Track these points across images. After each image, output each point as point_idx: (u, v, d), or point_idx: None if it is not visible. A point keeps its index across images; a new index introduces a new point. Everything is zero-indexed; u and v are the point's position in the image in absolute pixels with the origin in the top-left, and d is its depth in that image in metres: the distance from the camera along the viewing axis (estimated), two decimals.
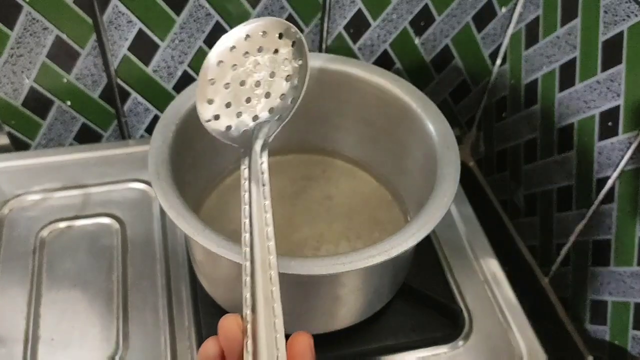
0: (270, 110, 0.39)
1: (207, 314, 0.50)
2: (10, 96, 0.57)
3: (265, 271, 0.30)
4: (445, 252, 0.58)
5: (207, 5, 0.54)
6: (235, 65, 0.39)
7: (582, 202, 0.54)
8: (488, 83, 0.68)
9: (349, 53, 0.62)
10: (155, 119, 0.64)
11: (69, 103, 0.60)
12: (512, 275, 0.57)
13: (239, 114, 0.38)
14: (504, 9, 0.61)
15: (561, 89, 0.55)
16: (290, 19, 0.57)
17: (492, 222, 0.67)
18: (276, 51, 0.39)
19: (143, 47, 0.57)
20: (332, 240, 0.53)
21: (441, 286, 0.55)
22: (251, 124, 0.38)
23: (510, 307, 0.54)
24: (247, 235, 0.31)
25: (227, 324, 0.29)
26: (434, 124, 0.47)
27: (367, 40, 0.61)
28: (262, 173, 0.34)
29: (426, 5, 0.59)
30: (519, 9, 0.60)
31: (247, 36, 0.39)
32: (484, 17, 0.61)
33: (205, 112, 0.38)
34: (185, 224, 0.39)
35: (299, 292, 0.45)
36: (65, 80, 0.57)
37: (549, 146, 0.58)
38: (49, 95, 0.58)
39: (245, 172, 0.35)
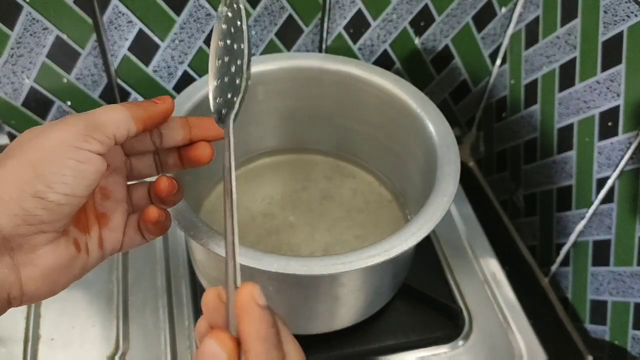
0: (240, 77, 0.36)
1: None
2: (10, 96, 0.57)
3: (231, 235, 0.30)
4: (445, 252, 0.58)
5: (207, 5, 0.55)
6: (227, 57, 0.37)
7: (582, 202, 0.54)
8: (488, 83, 0.68)
9: (349, 53, 0.62)
10: None
11: (69, 103, 0.60)
12: (512, 275, 0.57)
13: (225, 95, 0.37)
14: (503, 9, 0.61)
15: (561, 89, 0.55)
16: (290, 19, 0.57)
17: (492, 222, 0.67)
18: (236, 26, 0.37)
19: (143, 48, 0.57)
20: (332, 240, 0.53)
21: (441, 286, 0.55)
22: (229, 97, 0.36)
23: (510, 307, 0.54)
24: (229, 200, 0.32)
25: (207, 296, 0.28)
26: (434, 124, 0.47)
27: (367, 40, 0.61)
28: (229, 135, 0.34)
29: (426, 6, 0.59)
30: (518, 9, 0.60)
31: (224, 28, 0.38)
32: (483, 17, 0.61)
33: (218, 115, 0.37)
34: (186, 223, 0.39)
35: (299, 292, 0.45)
36: (65, 80, 0.57)
37: (548, 146, 0.58)
38: (49, 95, 0.58)
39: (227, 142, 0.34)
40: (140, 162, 0.37)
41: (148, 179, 0.38)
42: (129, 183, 0.37)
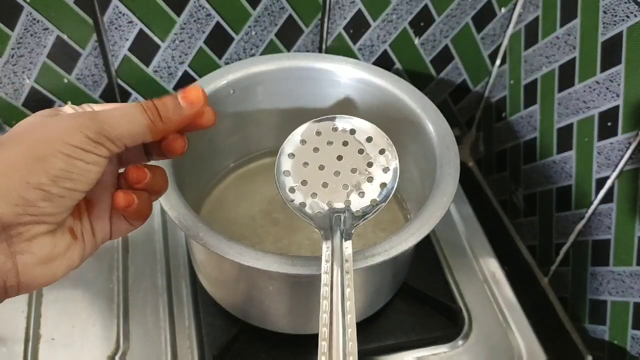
0: (347, 203, 0.39)
1: (207, 314, 0.51)
2: (11, 96, 0.58)
3: (344, 358, 0.30)
4: (445, 252, 0.58)
5: (207, 5, 0.55)
6: (317, 149, 0.40)
7: (582, 202, 0.55)
8: (487, 83, 0.68)
9: (349, 53, 0.62)
10: None
11: (69, 103, 0.60)
12: (511, 275, 0.57)
13: (313, 195, 0.39)
14: (503, 10, 0.61)
15: (560, 89, 0.55)
16: (290, 19, 0.57)
17: (492, 222, 0.67)
18: (361, 151, 0.40)
19: (143, 48, 0.57)
20: None
21: (441, 286, 0.55)
22: (326, 208, 0.38)
23: (510, 307, 0.54)
24: (326, 316, 0.31)
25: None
26: (433, 124, 0.47)
27: (367, 40, 0.61)
28: (347, 261, 0.35)
29: (426, 6, 0.59)
30: (518, 9, 0.60)
31: (335, 128, 0.40)
32: (483, 17, 0.61)
33: (281, 184, 0.39)
34: (186, 223, 0.39)
35: (299, 292, 0.45)
36: (65, 80, 0.57)
37: (548, 146, 0.58)
38: (49, 95, 0.58)
39: (327, 254, 0.35)
40: (129, 150, 0.35)
41: None
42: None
